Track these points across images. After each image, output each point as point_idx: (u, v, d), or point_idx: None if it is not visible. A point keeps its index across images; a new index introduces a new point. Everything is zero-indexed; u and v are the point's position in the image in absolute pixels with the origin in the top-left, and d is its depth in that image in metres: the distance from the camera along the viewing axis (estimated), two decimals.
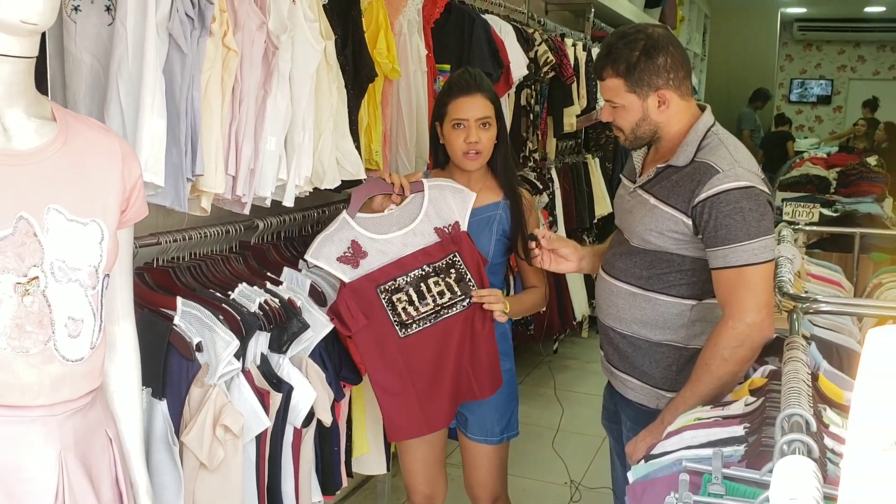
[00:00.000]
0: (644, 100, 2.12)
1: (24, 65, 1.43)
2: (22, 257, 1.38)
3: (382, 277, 2.43)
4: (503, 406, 2.62)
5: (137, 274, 2.22)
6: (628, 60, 2.09)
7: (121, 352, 1.69)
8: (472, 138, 2.47)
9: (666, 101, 2.12)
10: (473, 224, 2.52)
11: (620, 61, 2.10)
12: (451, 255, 2.47)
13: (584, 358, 5.80)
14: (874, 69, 14.84)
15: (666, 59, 2.09)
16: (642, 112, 2.13)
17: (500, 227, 2.56)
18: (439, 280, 2.45)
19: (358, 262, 2.43)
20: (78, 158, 1.50)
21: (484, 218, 2.55)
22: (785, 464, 1.18)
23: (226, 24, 2.10)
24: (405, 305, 2.44)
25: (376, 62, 2.80)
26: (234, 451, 2.11)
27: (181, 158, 2.02)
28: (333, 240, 2.44)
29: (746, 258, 1.98)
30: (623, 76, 2.10)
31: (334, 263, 2.43)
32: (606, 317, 2.30)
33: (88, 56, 1.99)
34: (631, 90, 2.11)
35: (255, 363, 2.29)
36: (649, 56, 2.08)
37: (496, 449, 2.65)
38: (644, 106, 2.13)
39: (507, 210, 2.57)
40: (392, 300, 2.43)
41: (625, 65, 2.09)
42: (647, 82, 2.09)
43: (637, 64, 2.08)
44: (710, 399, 1.97)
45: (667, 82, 2.10)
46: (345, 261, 2.43)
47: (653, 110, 2.13)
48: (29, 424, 1.43)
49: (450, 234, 2.47)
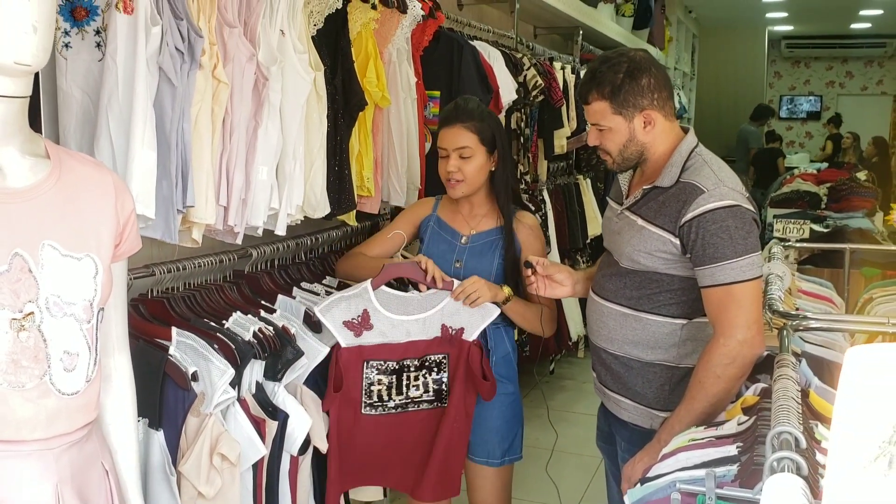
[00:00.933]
0: (630, 121, 2.14)
1: (19, 104, 1.45)
2: (17, 293, 1.40)
3: (373, 354, 2.50)
4: (504, 429, 2.63)
5: (132, 305, 2.23)
6: (613, 83, 2.12)
7: (116, 384, 1.70)
8: (450, 168, 2.57)
9: (651, 121, 2.15)
10: (476, 248, 2.61)
11: (605, 84, 2.13)
12: (444, 355, 2.54)
13: (580, 378, 5.81)
14: (862, 84, 14.97)
15: (649, 79, 2.12)
16: (629, 133, 2.16)
17: (502, 252, 2.61)
18: (419, 375, 2.53)
19: (361, 331, 2.49)
20: (72, 194, 1.51)
21: (487, 242, 2.62)
22: (773, 482, 1.19)
23: (216, 56, 2.13)
24: (381, 389, 2.52)
25: (366, 90, 2.83)
26: (231, 480, 2.11)
27: (171, 190, 2.04)
28: (348, 304, 2.49)
29: (734, 276, 2.00)
30: (608, 98, 2.13)
31: (339, 326, 2.48)
32: (598, 338, 2.31)
33: (79, 91, 2.01)
34: (617, 112, 2.14)
35: (251, 391, 2.30)
36: (633, 77, 2.11)
37: (498, 471, 2.66)
38: (630, 127, 2.15)
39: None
40: (371, 378, 2.50)
41: (609, 87, 2.12)
42: (633, 103, 2.12)
43: (622, 86, 2.11)
44: (705, 417, 1.99)
45: (651, 102, 2.13)
46: (350, 327, 2.49)
47: (639, 131, 2.16)
48: (25, 459, 1.44)
49: (452, 335, 2.52)
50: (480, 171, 2.59)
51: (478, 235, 2.63)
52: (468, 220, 2.67)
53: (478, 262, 2.60)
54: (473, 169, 2.57)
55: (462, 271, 2.61)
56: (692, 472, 1.63)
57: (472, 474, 2.69)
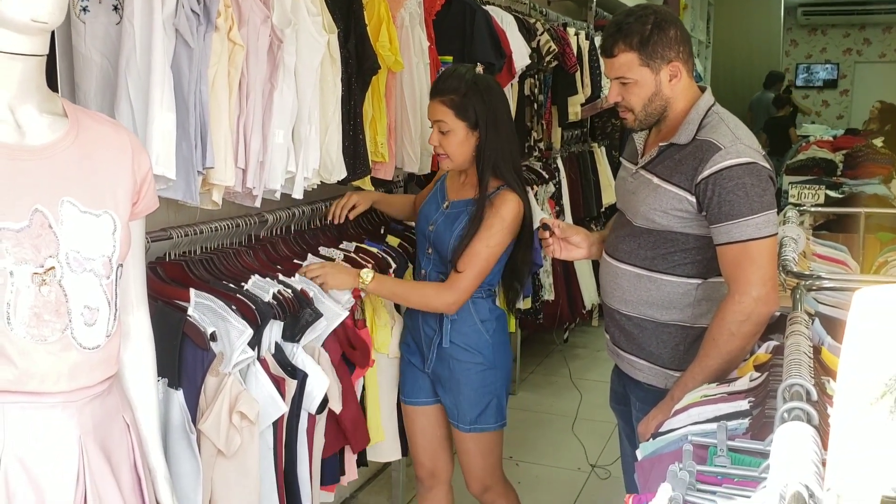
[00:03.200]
0: (657, 73, 2.13)
1: (36, 62, 1.47)
2: (38, 248, 1.42)
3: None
4: (473, 397, 2.66)
5: (150, 268, 2.25)
6: (641, 34, 2.10)
7: (135, 341, 1.73)
8: (432, 141, 2.60)
9: (678, 74, 2.14)
10: (451, 215, 2.62)
11: (633, 35, 2.11)
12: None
13: (594, 346, 5.83)
14: (880, 51, 14.74)
15: (676, 31, 2.12)
16: (655, 86, 2.15)
17: (462, 224, 2.58)
18: None
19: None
20: (89, 152, 1.54)
21: (456, 212, 2.62)
22: (784, 430, 1.20)
23: (231, 18, 2.14)
24: None
25: (379, 55, 2.83)
26: (250, 438, 2.15)
27: (191, 152, 2.06)
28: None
29: (750, 233, 2.00)
30: (637, 49, 2.11)
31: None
32: (612, 300, 2.32)
33: (98, 55, 2.03)
34: (644, 63, 2.13)
35: (270, 352, 2.33)
36: (661, 28, 2.10)
37: (472, 437, 2.70)
38: (657, 80, 2.14)
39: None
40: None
41: (638, 38, 2.11)
42: (661, 54, 2.11)
43: (650, 36, 2.10)
44: (718, 374, 2.00)
45: (678, 55, 2.12)
46: None
47: (665, 84, 2.14)
48: (49, 410, 1.47)
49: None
50: (461, 145, 2.54)
51: (455, 203, 2.63)
52: (457, 189, 2.68)
53: (444, 230, 2.61)
54: (452, 144, 2.54)
55: (432, 234, 2.64)
56: (704, 427, 1.64)
57: (454, 436, 2.78)
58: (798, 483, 0.98)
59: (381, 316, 2.84)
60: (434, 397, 2.77)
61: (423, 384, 2.76)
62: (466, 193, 2.63)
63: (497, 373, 2.69)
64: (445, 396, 2.71)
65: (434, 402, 2.78)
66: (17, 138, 1.45)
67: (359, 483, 3.80)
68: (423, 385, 2.76)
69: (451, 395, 2.68)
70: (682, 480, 1.31)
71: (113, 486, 1.55)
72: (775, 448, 1.18)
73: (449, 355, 2.65)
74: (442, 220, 2.64)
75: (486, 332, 2.66)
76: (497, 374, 2.69)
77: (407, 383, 2.81)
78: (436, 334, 2.66)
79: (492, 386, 2.68)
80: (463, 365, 2.64)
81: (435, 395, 2.76)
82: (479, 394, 2.66)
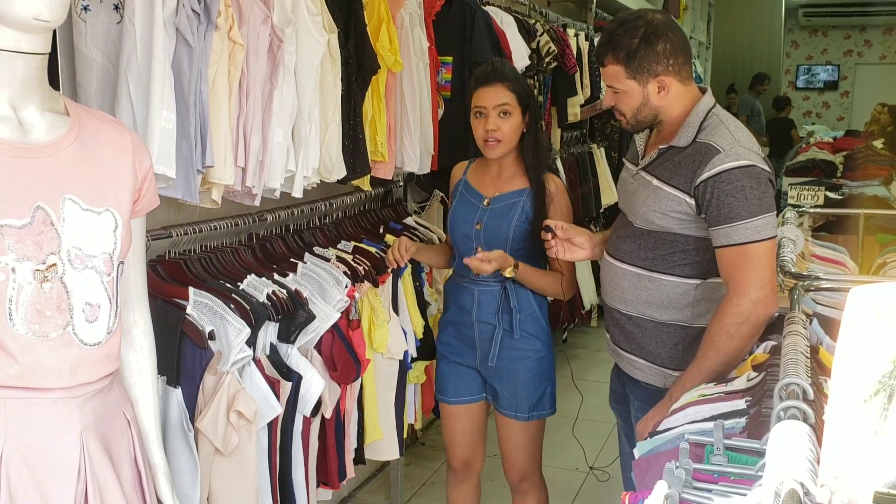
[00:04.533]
0: (644, 86, 2.15)
1: (38, 61, 1.48)
2: (40, 245, 1.43)
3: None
4: (531, 384, 2.68)
5: (150, 266, 2.26)
6: (628, 48, 2.12)
7: (136, 337, 1.74)
8: (490, 126, 2.58)
9: (666, 87, 2.15)
10: (497, 210, 2.64)
11: (621, 48, 2.13)
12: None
13: (593, 346, 5.83)
14: (881, 53, 14.73)
15: (665, 45, 2.12)
16: (642, 98, 2.17)
17: (523, 214, 2.63)
18: None
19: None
20: (91, 151, 1.55)
21: (508, 204, 2.64)
22: (780, 428, 1.21)
23: (231, 18, 2.15)
24: None
25: (379, 55, 2.84)
26: (247, 437, 2.16)
27: (191, 151, 2.07)
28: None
29: (749, 235, 2.01)
30: (623, 63, 2.13)
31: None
32: (612, 299, 2.33)
33: (99, 54, 2.03)
34: (631, 76, 2.14)
35: (265, 353, 2.34)
36: (649, 43, 2.11)
37: (524, 425, 2.71)
38: (644, 92, 2.16)
39: (531, 198, 2.63)
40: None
41: (625, 52, 2.12)
42: (647, 69, 2.13)
43: (637, 51, 2.11)
44: (715, 375, 2.00)
45: (666, 68, 2.13)
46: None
47: (653, 96, 2.16)
48: (50, 406, 1.48)
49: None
50: (516, 130, 2.61)
51: (500, 197, 2.65)
52: (494, 183, 2.70)
53: (497, 225, 2.62)
54: (510, 128, 2.59)
55: (482, 233, 2.64)
56: (701, 425, 1.65)
57: (502, 426, 2.76)
58: (793, 480, 0.99)
59: (378, 315, 2.84)
60: (480, 393, 2.78)
61: (470, 382, 2.77)
62: (507, 186, 2.66)
63: (550, 359, 2.74)
64: (503, 388, 2.70)
65: (480, 399, 2.80)
66: (20, 136, 1.46)
67: (357, 482, 3.81)
68: (472, 383, 2.77)
69: (509, 386, 2.68)
70: (678, 478, 1.32)
71: (114, 482, 1.56)
72: (771, 446, 1.19)
73: (511, 346, 2.66)
74: (488, 216, 2.65)
75: (543, 318, 2.71)
76: (550, 360, 2.74)
77: (451, 384, 2.80)
78: (497, 328, 2.66)
79: (547, 372, 2.73)
80: (523, 353, 2.67)
81: (482, 392, 2.78)
82: (536, 381, 2.69)
